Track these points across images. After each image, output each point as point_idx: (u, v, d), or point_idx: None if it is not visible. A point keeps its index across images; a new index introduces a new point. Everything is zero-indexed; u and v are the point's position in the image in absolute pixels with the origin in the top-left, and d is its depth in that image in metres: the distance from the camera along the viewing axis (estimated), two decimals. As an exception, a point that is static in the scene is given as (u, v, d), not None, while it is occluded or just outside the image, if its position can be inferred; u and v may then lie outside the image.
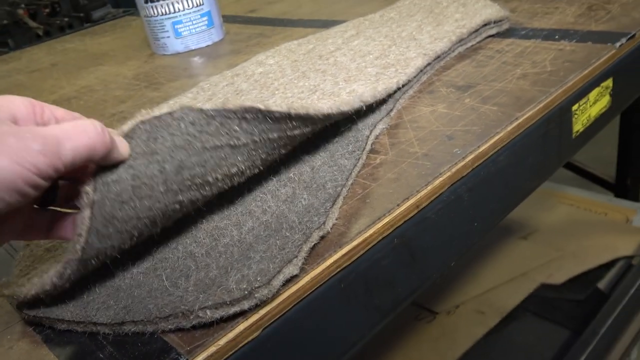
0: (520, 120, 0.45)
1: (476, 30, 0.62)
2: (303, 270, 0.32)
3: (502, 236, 1.04)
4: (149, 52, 0.89)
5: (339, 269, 0.34)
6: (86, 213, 0.28)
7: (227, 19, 1.00)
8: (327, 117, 0.38)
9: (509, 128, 0.44)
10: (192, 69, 0.77)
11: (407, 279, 0.39)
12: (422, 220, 0.38)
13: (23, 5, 1.92)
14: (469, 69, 0.56)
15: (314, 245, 0.34)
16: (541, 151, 0.48)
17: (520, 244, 1.02)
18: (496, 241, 1.02)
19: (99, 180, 0.29)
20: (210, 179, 0.33)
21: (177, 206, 0.32)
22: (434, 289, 0.97)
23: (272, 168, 0.41)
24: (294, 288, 0.31)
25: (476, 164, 0.41)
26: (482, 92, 0.50)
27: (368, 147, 0.44)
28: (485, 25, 0.63)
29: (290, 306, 0.31)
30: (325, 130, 0.44)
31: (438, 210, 0.39)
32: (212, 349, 0.28)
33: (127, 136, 0.31)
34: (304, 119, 0.35)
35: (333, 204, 0.36)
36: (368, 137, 0.44)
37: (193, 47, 0.85)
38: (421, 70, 0.55)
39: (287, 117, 0.34)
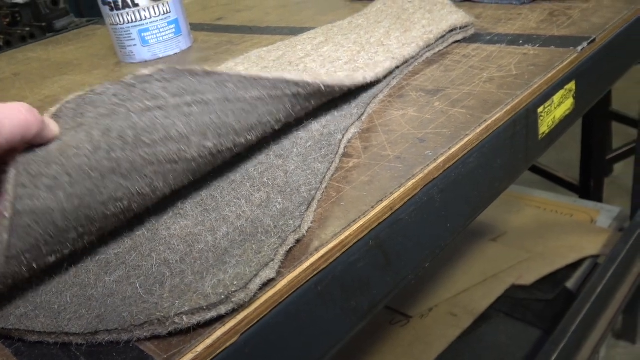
0: (488, 122, 0.45)
1: (443, 36, 0.63)
2: (280, 274, 0.32)
3: (473, 239, 1.05)
4: (115, 61, 0.88)
5: (315, 272, 0.34)
6: (11, 172, 0.28)
7: (195, 27, 1.00)
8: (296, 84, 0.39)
9: (478, 130, 0.45)
10: (161, 77, 0.76)
11: (382, 280, 0.39)
12: (396, 222, 0.39)
13: (-18, 15, 1.87)
14: (437, 74, 0.57)
15: (290, 248, 0.34)
16: (509, 152, 0.49)
17: (491, 246, 1.04)
18: (467, 244, 1.03)
19: (25, 151, 0.29)
20: (146, 140, 0.32)
21: (115, 165, 0.31)
22: (408, 293, 0.97)
23: (246, 173, 0.41)
24: (271, 292, 0.31)
25: (447, 166, 0.42)
26: (451, 96, 0.51)
27: (341, 151, 0.44)
28: (451, 31, 0.64)
29: (268, 310, 0.31)
30: (298, 133, 0.45)
31: (411, 212, 0.40)
32: (189, 356, 0.28)
33: (55, 116, 0.31)
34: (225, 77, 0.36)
35: (308, 207, 0.36)
36: (341, 140, 0.44)
37: (161, 55, 0.85)
38: (390, 73, 0.55)
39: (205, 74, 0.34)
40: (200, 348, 0.28)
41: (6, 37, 1.89)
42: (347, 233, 0.35)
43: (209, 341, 0.29)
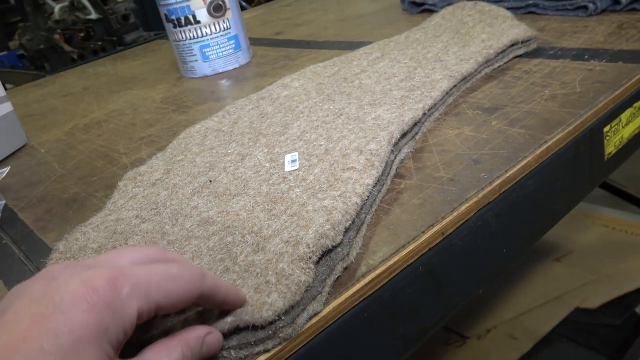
0: (549, 144, 0.43)
1: (503, 51, 0.61)
2: (325, 302, 0.32)
3: (535, 258, 1.01)
4: (177, 76, 0.90)
5: (362, 298, 0.33)
6: None
7: (254, 41, 1.02)
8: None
9: (537, 152, 0.43)
10: (219, 91, 0.77)
11: (433, 306, 0.38)
12: (448, 247, 0.37)
13: (59, 30, 1.98)
14: (495, 91, 0.55)
15: (338, 276, 0.33)
16: (571, 175, 0.47)
17: (554, 267, 1.00)
18: (529, 263, 0.99)
19: None
20: None
21: None
22: (465, 313, 0.94)
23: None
24: (315, 319, 0.31)
25: (503, 189, 0.40)
26: (510, 114, 0.49)
27: (393, 172, 0.43)
28: (512, 45, 0.62)
29: (312, 337, 0.31)
30: None
31: (464, 236, 0.38)
32: (232, 381, 0.28)
33: None
34: None
35: (357, 233, 0.36)
36: (393, 161, 0.43)
37: (220, 70, 0.86)
38: (447, 93, 0.54)
39: None
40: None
41: (80, 50, 1.99)
42: (395, 259, 0.34)
43: (252, 368, 0.29)
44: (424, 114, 0.50)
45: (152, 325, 0.29)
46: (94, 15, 2.01)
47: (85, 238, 0.40)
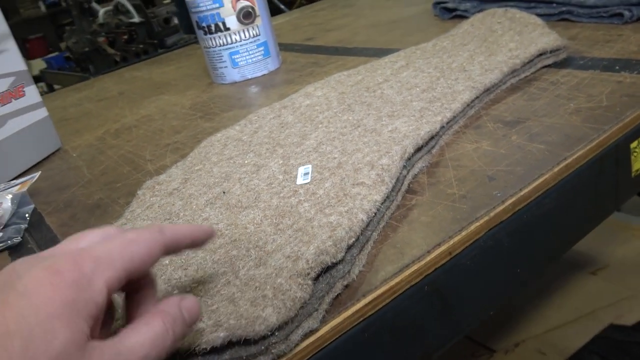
0: (568, 161, 0.42)
1: (530, 61, 0.60)
2: (323, 320, 0.31)
3: (569, 271, 0.98)
4: (208, 81, 0.92)
5: (361, 319, 0.33)
6: None
7: (285, 47, 1.02)
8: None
9: (556, 169, 0.41)
10: (246, 98, 0.78)
11: (440, 328, 0.37)
12: (456, 267, 0.37)
13: (103, 34, 2.04)
14: (519, 103, 0.53)
15: (338, 295, 0.33)
16: (594, 193, 0.45)
17: (589, 280, 0.96)
18: (562, 276, 0.96)
19: None
20: None
21: None
22: (492, 325, 0.93)
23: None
24: (312, 338, 0.31)
25: (517, 208, 0.39)
26: (531, 129, 0.48)
27: (404, 188, 0.42)
28: (540, 55, 0.60)
29: (307, 356, 0.31)
30: None
31: (474, 256, 0.37)
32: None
33: None
34: None
35: (361, 250, 0.35)
36: (405, 177, 0.43)
37: (249, 77, 0.87)
38: (468, 104, 0.53)
39: None
40: (236, 392, 0.28)
41: (123, 53, 2.05)
42: (398, 279, 0.34)
43: (244, 385, 0.29)
44: (442, 127, 0.49)
45: None
46: (136, 19, 2.07)
47: (99, 247, 0.41)
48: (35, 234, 0.52)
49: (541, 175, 0.41)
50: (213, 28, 0.84)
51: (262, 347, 0.29)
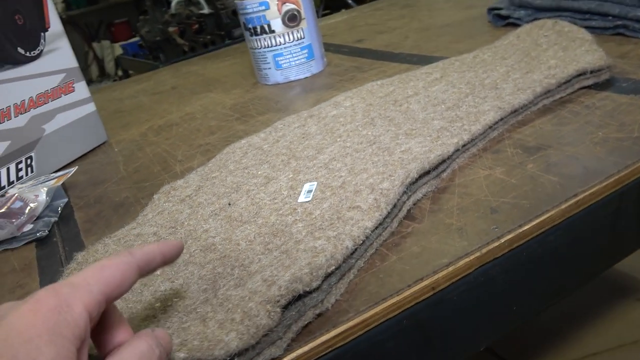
0: (579, 197, 0.40)
1: (568, 81, 0.57)
2: (289, 348, 0.32)
3: (614, 295, 0.93)
4: (253, 81, 0.93)
5: (330, 349, 0.33)
6: None
7: (335, 48, 1.02)
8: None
9: (563, 206, 0.39)
10: (283, 102, 0.79)
11: (420, 362, 0.36)
12: (441, 302, 0.36)
13: (174, 24, 2.11)
14: (546, 127, 0.51)
15: (308, 323, 0.33)
16: (611, 231, 0.43)
17: (635, 307, 0.91)
18: (605, 301, 0.91)
19: None
20: None
21: None
22: (525, 347, 0.89)
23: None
24: (274, 365, 0.31)
25: (515, 245, 0.38)
26: (550, 157, 0.45)
27: (402, 214, 0.42)
28: (579, 75, 0.57)
29: (270, 383, 0.31)
30: None
31: (462, 292, 0.36)
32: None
33: None
34: None
35: (340, 278, 0.35)
36: (405, 202, 0.42)
37: (292, 78, 0.88)
38: (490, 127, 0.51)
39: None
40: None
41: (192, 43, 2.12)
42: (373, 311, 0.34)
43: (202, 406, 0.29)
44: (457, 150, 0.48)
45: None
46: (206, 10, 2.12)
47: (104, 251, 0.43)
48: (63, 228, 0.55)
49: (546, 212, 0.39)
50: (259, 30, 0.85)
51: None
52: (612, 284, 0.92)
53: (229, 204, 0.46)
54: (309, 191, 0.45)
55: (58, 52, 0.73)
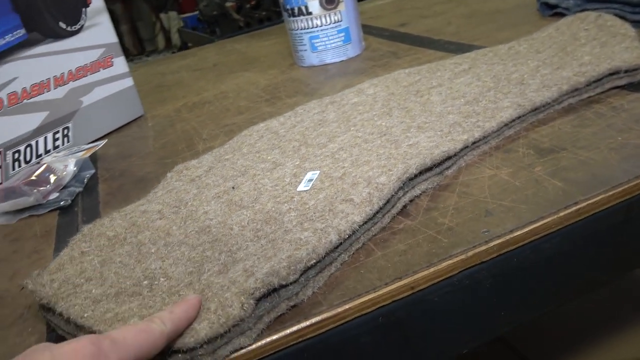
0: (581, 206, 0.38)
1: (598, 80, 0.54)
2: (259, 337, 0.33)
3: (651, 304, 0.88)
4: (290, 62, 0.94)
5: (301, 339, 0.33)
6: None
7: (376, 31, 1.01)
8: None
9: (562, 213, 0.38)
10: (313, 85, 0.79)
11: (397, 359, 0.37)
12: (421, 302, 0.36)
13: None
14: (565, 128, 0.49)
15: (282, 314, 0.34)
16: (615, 242, 0.41)
17: (673, 319, 0.86)
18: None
19: None
20: None
21: None
22: (552, 349, 0.87)
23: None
24: (242, 351, 0.32)
25: (504, 250, 0.37)
26: (561, 161, 0.44)
27: (396, 210, 0.41)
28: (612, 74, 0.54)
29: (238, 367, 0.32)
30: None
31: (445, 293, 0.36)
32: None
33: None
34: None
35: (319, 272, 0.36)
36: (400, 198, 0.42)
37: (328, 61, 0.88)
38: (506, 124, 0.50)
39: None
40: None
41: (247, 19, 2.13)
42: (347, 306, 0.34)
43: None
44: (466, 147, 0.47)
45: None
46: (263, -14, 2.13)
47: (110, 225, 0.45)
48: (85, 198, 0.58)
49: (541, 218, 0.38)
50: (296, 11, 0.85)
51: (188, 357, 0.31)
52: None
53: (233, 188, 0.47)
54: (310, 180, 0.45)
55: (98, 28, 0.75)
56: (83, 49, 0.74)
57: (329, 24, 0.85)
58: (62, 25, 0.71)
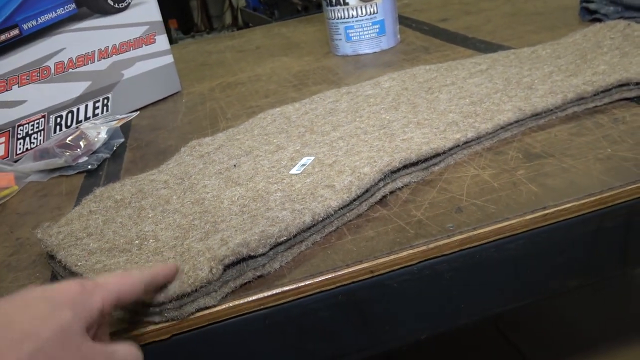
0: (549, 211, 0.40)
1: (608, 90, 0.54)
2: (224, 300, 0.36)
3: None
4: (326, 51, 0.96)
5: (262, 307, 0.37)
6: None
7: (416, 25, 1.02)
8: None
9: (528, 217, 0.39)
10: (341, 74, 0.81)
11: (355, 337, 0.39)
12: (380, 286, 0.38)
13: (292, -18, 2.16)
14: (561, 136, 0.50)
15: (248, 282, 0.37)
16: (586, 250, 0.42)
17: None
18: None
19: None
20: None
21: None
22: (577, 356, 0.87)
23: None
24: (207, 311, 0.36)
25: (466, 246, 0.39)
26: (544, 167, 0.45)
27: (375, 199, 0.44)
28: (622, 85, 0.54)
29: (202, 324, 0.36)
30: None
31: (404, 281, 0.39)
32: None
33: None
34: None
35: (288, 248, 0.39)
36: (380, 189, 0.44)
37: (361, 52, 0.90)
38: (502, 127, 0.51)
39: None
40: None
41: (305, 2, 2.16)
42: (308, 281, 0.37)
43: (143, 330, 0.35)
44: (457, 146, 0.49)
45: None
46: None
47: (120, 189, 0.50)
48: (111, 164, 0.63)
49: (505, 220, 0.39)
50: (334, 0, 0.88)
51: (157, 310, 0.35)
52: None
53: (234, 166, 0.51)
54: (303, 165, 0.48)
55: (144, 6, 0.80)
56: (128, 25, 0.79)
57: (365, 16, 0.87)
58: (110, 2, 0.76)
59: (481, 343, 0.89)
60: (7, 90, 0.66)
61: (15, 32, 0.67)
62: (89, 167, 0.61)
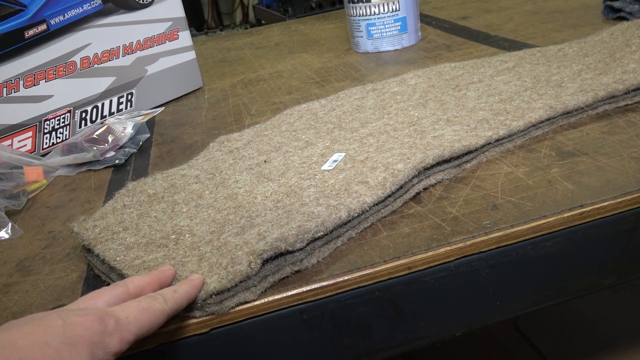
0: (586, 209, 0.40)
1: (638, 88, 0.54)
2: (263, 295, 0.36)
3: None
4: (347, 47, 0.96)
5: (300, 301, 0.37)
6: None
7: (436, 22, 1.01)
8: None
9: (565, 215, 0.39)
10: (363, 71, 0.81)
11: (389, 332, 0.39)
12: (416, 282, 0.38)
13: (306, -20, 2.16)
14: (593, 134, 0.49)
15: (286, 277, 0.37)
16: (622, 248, 0.42)
17: None
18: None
19: None
20: None
21: None
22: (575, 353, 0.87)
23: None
24: (247, 305, 0.36)
25: (504, 243, 0.39)
26: (578, 165, 0.45)
27: (409, 196, 0.44)
28: (653, 84, 0.54)
29: (242, 318, 0.36)
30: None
31: (440, 277, 0.39)
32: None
33: None
34: None
35: (326, 243, 0.39)
36: (414, 185, 0.44)
37: (382, 49, 0.90)
38: (534, 125, 0.51)
39: None
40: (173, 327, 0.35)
41: (319, 0, 2.16)
42: (346, 277, 0.37)
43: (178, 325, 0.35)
44: (489, 143, 0.48)
45: None
46: (338, -32, 2.14)
47: (152, 183, 0.50)
48: (138, 159, 0.64)
49: (543, 217, 0.39)
50: (356, -2, 0.88)
51: (199, 304, 0.35)
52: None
53: (265, 161, 0.51)
54: (335, 161, 0.48)
55: (168, 2, 0.81)
56: (152, 21, 0.79)
57: (387, 13, 0.87)
58: (135, -2, 0.76)
59: (499, 341, 0.89)
60: (34, 85, 0.67)
61: (43, 27, 0.67)
62: (117, 161, 0.62)
